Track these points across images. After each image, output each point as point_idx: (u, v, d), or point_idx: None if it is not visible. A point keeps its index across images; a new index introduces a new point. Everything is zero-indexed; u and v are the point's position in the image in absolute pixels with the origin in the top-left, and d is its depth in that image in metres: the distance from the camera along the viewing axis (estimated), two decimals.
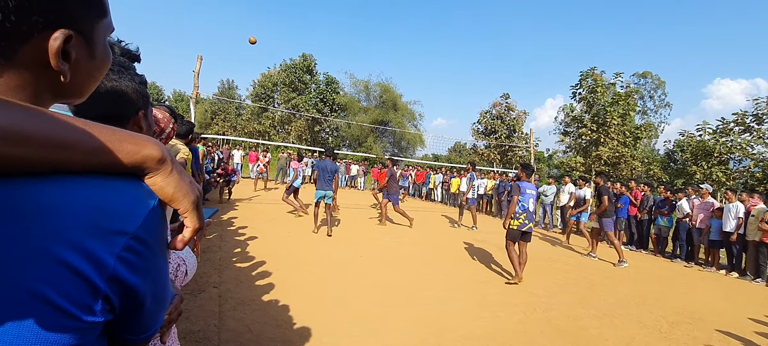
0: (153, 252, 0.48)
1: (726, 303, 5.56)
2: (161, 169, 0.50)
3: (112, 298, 0.43)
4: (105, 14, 0.50)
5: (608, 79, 21.24)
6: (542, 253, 7.80)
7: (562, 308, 4.61)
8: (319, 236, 7.26)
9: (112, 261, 0.42)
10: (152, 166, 0.49)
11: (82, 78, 0.50)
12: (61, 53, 0.44)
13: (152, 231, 0.47)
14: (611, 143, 19.91)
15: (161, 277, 0.51)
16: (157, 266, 0.50)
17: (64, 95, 0.51)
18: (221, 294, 3.85)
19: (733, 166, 18.80)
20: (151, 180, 0.50)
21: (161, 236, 0.50)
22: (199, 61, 10.86)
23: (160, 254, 0.50)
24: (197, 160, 7.42)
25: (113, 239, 0.42)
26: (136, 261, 0.44)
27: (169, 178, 0.51)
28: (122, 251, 0.43)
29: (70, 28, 0.44)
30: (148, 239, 0.46)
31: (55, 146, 0.41)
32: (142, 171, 0.49)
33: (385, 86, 33.66)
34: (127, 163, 0.47)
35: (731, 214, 7.73)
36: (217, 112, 39.83)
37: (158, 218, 0.49)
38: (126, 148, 0.47)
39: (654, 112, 38.21)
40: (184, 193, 0.52)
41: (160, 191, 0.50)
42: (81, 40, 0.47)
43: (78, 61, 0.47)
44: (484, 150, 29.26)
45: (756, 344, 4.12)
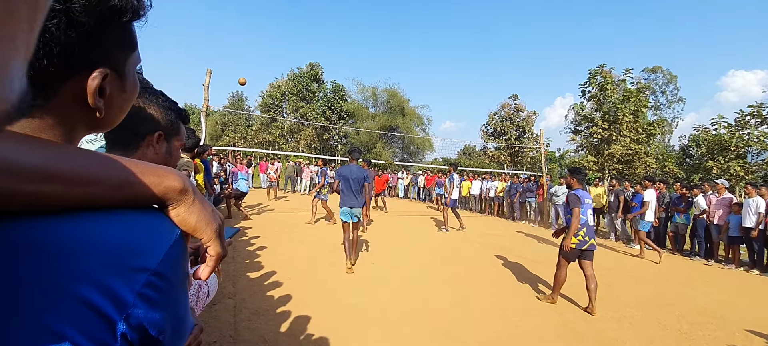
0: (173, 286, 0.47)
1: (748, 301, 5.41)
2: (183, 200, 0.50)
3: (130, 334, 0.42)
4: (135, 48, 0.52)
5: (618, 75, 20.94)
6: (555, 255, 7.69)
7: (579, 310, 4.55)
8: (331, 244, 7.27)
9: (132, 298, 0.42)
10: (174, 197, 0.49)
11: (114, 111, 0.52)
12: (99, 90, 0.46)
13: (173, 265, 0.47)
14: (624, 141, 19.57)
15: (181, 310, 0.51)
16: (178, 299, 0.49)
17: (98, 127, 0.52)
18: (236, 305, 3.89)
19: (751, 159, 18.33)
20: (174, 212, 0.50)
21: (182, 269, 0.50)
22: (208, 75, 11.02)
23: (181, 288, 0.50)
24: (209, 173, 7.54)
25: (134, 275, 0.42)
26: (156, 297, 0.44)
27: (191, 208, 0.51)
28: (143, 288, 0.43)
29: (107, 66, 0.46)
30: (168, 273, 0.46)
31: (80, 183, 0.42)
32: (164, 203, 0.49)
33: (393, 92, 33.75)
34: (150, 195, 0.47)
35: (752, 209, 7.54)
36: (227, 124, 40.35)
37: (180, 251, 0.49)
38: (148, 181, 0.47)
39: (667, 107, 37.58)
40: (207, 222, 0.52)
41: (183, 222, 0.50)
42: (115, 76, 0.48)
43: (111, 96, 0.49)
44: (493, 152, 29.07)
45: None
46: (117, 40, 0.47)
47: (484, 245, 8.38)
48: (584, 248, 4.57)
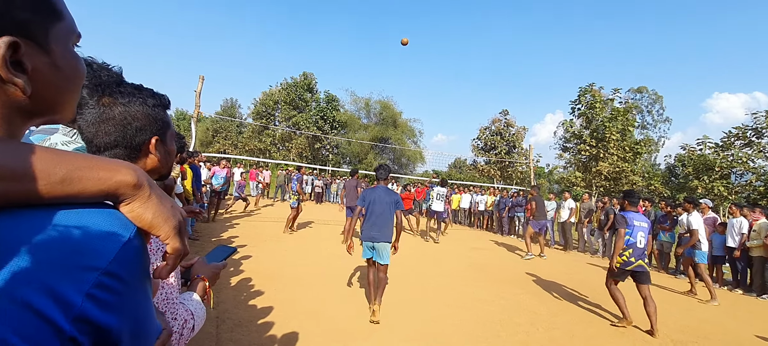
0: (130, 287, 0.45)
1: (732, 320, 5.47)
2: (138, 195, 0.47)
3: (81, 338, 0.40)
4: (59, 17, 0.47)
5: (606, 94, 21.38)
6: (545, 270, 7.71)
7: (565, 326, 4.54)
8: (316, 254, 7.19)
9: (79, 300, 0.39)
10: (128, 192, 0.47)
11: (50, 92, 0.47)
12: (15, 64, 0.42)
13: (128, 265, 0.44)
14: (611, 159, 19.91)
15: (141, 313, 0.48)
16: (136, 301, 0.46)
17: (37, 113, 0.48)
18: (219, 315, 3.80)
19: (734, 180, 18.74)
20: (128, 207, 0.47)
21: (140, 269, 0.47)
22: (200, 81, 10.99)
23: (140, 289, 0.47)
24: (198, 178, 7.44)
25: (82, 275, 0.40)
26: (108, 298, 0.41)
27: (147, 204, 0.48)
28: (92, 289, 0.40)
29: (16, 34, 0.41)
30: (122, 273, 0.43)
31: (16, 178, 0.39)
32: (116, 198, 0.46)
33: (385, 103, 33.96)
34: (98, 191, 0.45)
35: (735, 229, 7.67)
36: (218, 130, 40.06)
37: (135, 250, 0.46)
38: (96, 176, 0.44)
39: (653, 126, 38.38)
40: (164, 218, 0.50)
41: (138, 219, 0.47)
42: (35, 48, 0.44)
43: (38, 72, 0.44)
44: (484, 166, 29.26)
45: None
46: (27, 5, 0.43)
47: (473, 259, 8.36)
48: (628, 268, 4.60)
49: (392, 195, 4.54)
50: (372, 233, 4.37)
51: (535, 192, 9.95)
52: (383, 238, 4.35)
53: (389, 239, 4.39)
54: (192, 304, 1.02)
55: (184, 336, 0.94)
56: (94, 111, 0.80)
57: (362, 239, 4.48)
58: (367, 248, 4.45)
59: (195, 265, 1.20)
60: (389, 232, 4.41)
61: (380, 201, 4.44)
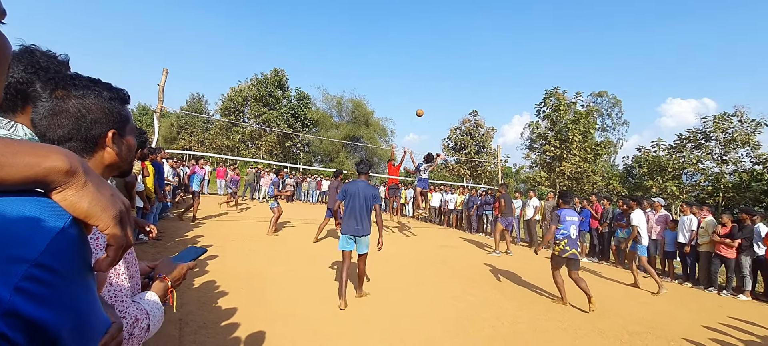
0: (66, 280, 0.42)
1: (681, 312, 5.83)
2: (72, 183, 0.45)
3: (12, 335, 0.37)
4: None
5: (570, 98, 22.28)
6: (510, 266, 7.93)
7: (530, 321, 4.69)
8: (284, 254, 7.07)
9: (7, 294, 0.37)
10: (59, 179, 0.44)
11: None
12: None
13: (61, 256, 0.42)
14: (573, 159, 20.78)
15: (83, 306, 0.45)
16: (74, 294, 0.43)
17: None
18: (182, 318, 3.66)
19: (685, 180, 20.03)
20: (61, 195, 0.44)
21: (77, 260, 0.44)
22: (164, 75, 10.54)
23: (79, 282, 0.44)
24: (161, 176, 7.14)
25: (9, 268, 0.37)
26: (41, 292, 0.39)
27: (82, 191, 0.45)
28: (22, 281, 0.38)
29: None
30: (56, 265, 0.41)
31: None
32: (47, 186, 0.44)
33: (358, 102, 33.90)
34: (25, 178, 0.42)
35: (685, 226, 8.18)
36: (183, 126, 38.59)
37: (71, 240, 0.43)
38: (21, 161, 0.41)
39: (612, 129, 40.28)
40: (102, 207, 0.47)
41: (72, 207, 0.45)
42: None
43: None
44: (454, 165, 29.77)
45: None
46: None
47: (442, 256, 8.48)
48: (565, 255, 5.52)
49: (372, 189, 4.74)
50: (353, 225, 4.57)
51: (504, 190, 10.23)
52: (364, 231, 4.59)
53: (369, 231, 4.64)
54: (148, 304, 0.97)
55: (134, 336, 0.89)
56: (47, 104, 0.77)
57: (342, 232, 4.64)
58: (347, 240, 4.62)
59: (158, 264, 1.15)
60: (369, 225, 4.65)
61: (360, 195, 4.63)
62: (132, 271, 1.00)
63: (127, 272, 0.94)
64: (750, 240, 7.31)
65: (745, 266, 7.31)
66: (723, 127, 18.34)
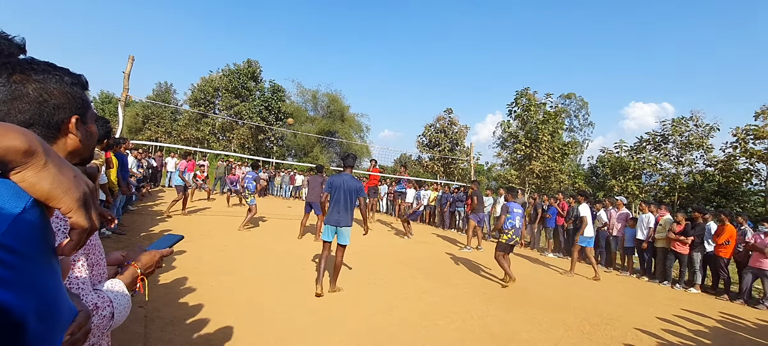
0: (29, 262, 0.41)
1: (638, 304, 6.17)
2: (31, 163, 0.43)
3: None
4: None
5: (540, 99, 22.96)
6: (481, 262, 8.13)
7: (497, 314, 4.83)
8: (257, 249, 6.96)
9: None
10: (17, 159, 0.42)
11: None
12: None
13: (22, 237, 0.40)
14: (542, 158, 21.47)
15: (48, 290, 0.44)
16: (38, 277, 0.42)
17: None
18: (147, 314, 3.55)
19: (645, 180, 21.11)
20: (19, 176, 0.43)
21: (39, 242, 0.43)
22: (130, 62, 10.07)
23: (43, 265, 0.43)
24: (125, 167, 6.84)
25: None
26: (2, 273, 0.38)
27: (42, 172, 0.44)
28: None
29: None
30: (16, 246, 0.39)
31: None
32: (5, 166, 0.42)
33: (333, 97, 33.60)
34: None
35: (644, 223, 8.64)
36: (150, 116, 37.04)
37: (32, 221, 0.42)
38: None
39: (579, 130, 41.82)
40: (65, 189, 0.45)
41: (32, 188, 0.43)
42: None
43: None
44: (428, 162, 30.08)
45: (664, 339, 4.61)
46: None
47: (415, 251, 8.59)
48: (512, 243, 6.42)
49: (356, 182, 4.91)
50: (336, 216, 4.77)
51: (475, 187, 10.45)
52: (346, 222, 4.80)
53: (351, 223, 4.85)
54: (112, 292, 0.94)
55: (95, 324, 0.86)
56: (4, 89, 0.74)
57: (326, 222, 4.81)
58: (330, 231, 4.80)
59: (129, 252, 1.12)
60: (352, 217, 4.88)
61: (345, 188, 4.82)
62: (94, 259, 0.97)
63: (88, 261, 0.92)
64: (701, 237, 7.82)
65: (696, 262, 7.82)
66: (680, 131, 19.43)
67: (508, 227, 6.36)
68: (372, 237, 9.90)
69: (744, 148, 16.57)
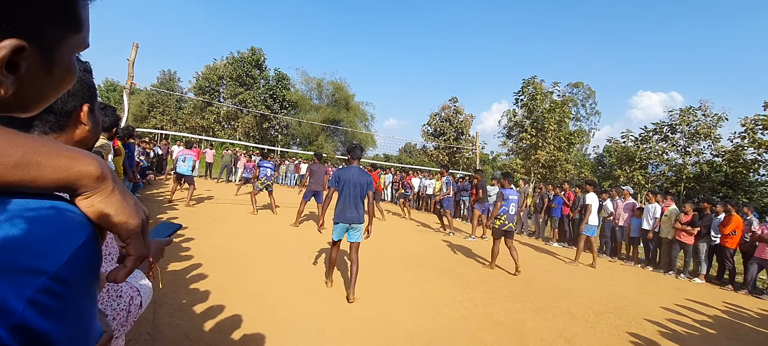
0: (77, 293, 0.40)
1: (643, 294, 6.18)
2: (100, 189, 0.43)
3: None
4: (78, 30, 0.43)
5: (547, 87, 22.72)
6: (484, 251, 8.16)
7: (502, 303, 4.86)
8: (263, 236, 7.03)
9: (21, 307, 0.34)
10: (89, 184, 0.42)
11: (31, 94, 0.42)
12: (8, 64, 0.37)
13: (79, 270, 0.40)
14: (548, 148, 21.33)
15: (84, 319, 0.43)
16: (81, 306, 0.42)
17: (7, 108, 0.43)
18: (156, 299, 3.60)
19: (651, 170, 20.96)
20: (87, 202, 0.43)
21: (90, 274, 0.42)
22: (134, 49, 10.08)
23: (87, 294, 0.43)
24: (131, 158, 6.89)
25: (26, 279, 0.35)
26: (52, 305, 0.37)
27: (109, 199, 0.43)
28: (36, 294, 0.35)
29: (27, 39, 0.38)
30: (72, 279, 0.39)
31: None
32: (75, 191, 0.42)
33: (338, 85, 33.42)
34: (56, 180, 0.40)
35: (650, 214, 8.61)
36: (155, 105, 37.12)
37: (90, 253, 0.41)
38: (55, 163, 0.40)
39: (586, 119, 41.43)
40: (127, 216, 0.45)
41: (97, 215, 0.43)
42: (38, 53, 0.40)
43: (29, 74, 0.40)
44: (433, 151, 30.03)
45: (668, 328, 4.62)
46: (52, 14, 0.39)
47: (419, 240, 8.63)
48: (505, 228, 6.48)
49: (365, 176, 4.50)
50: (348, 213, 4.37)
51: (480, 177, 10.45)
52: (359, 219, 4.41)
53: (363, 219, 4.45)
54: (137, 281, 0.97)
55: (132, 313, 0.89)
56: None
57: (337, 220, 4.42)
58: (341, 230, 4.43)
59: None
60: (363, 212, 4.47)
61: (355, 182, 4.41)
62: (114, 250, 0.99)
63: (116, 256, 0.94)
64: (708, 228, 7.78)
65: (702, 252, 7.80)
66: (688, 121, 19.19)
67: (501, 214, 6.50)
68: (377, 227, 9.94)
69: (752, 138, 16.35)
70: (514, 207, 6.56)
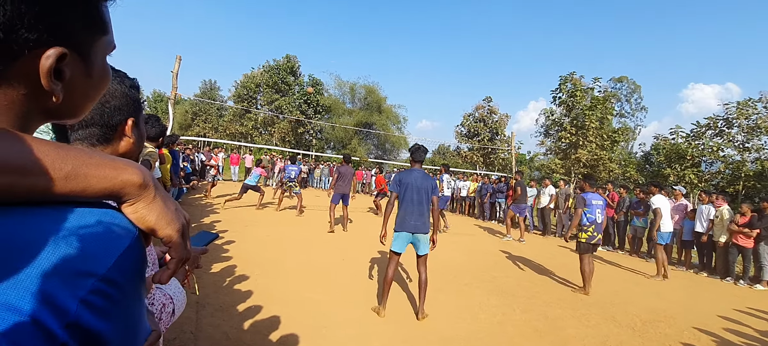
0: (126, 294, 0.43)
1: (697, 302, 5.75)
2: (143, 196, 0.46)
3: (72, 344, 0.38)
4: (106, 31, 0.48)
5: (587, 83, 21.77)
6: (522, 254, 7.92)
7: (541, 308, 4.69)
8: (299, 239, 7.18)
9: (74, 306, 0.37)
10: (133, 192, 0.45)
11: (76, 98, 0.47)
12: (54, 72, 0.41)
13: (126, 271, 0.43)
14: (589, 146, 20.40)
15: (133, 319, 0.46)
16: (131, 307, 0.45)
17: (57, 115, 0.47)
18: (198, 300, 3.78)
19: (705, 168, 19.52)
20: (132, 208, 0.46)
21: (137, 275, 0.46)
22: (177, 62, 10.67)
23: (135, 294, 0.46)
24: (177, 164, 7.28)
25: (78, 281, 0.38)
26: (104, 305, 0.40)
27: (151, 205, 0.47)
28: (88, 295, 0.38)
29: (66, 45, 0.41)
30: (120, 280, 0.42)
31: (15, 172, 0.37)
32: (120, 198, 0.45)
33: (370, 88, 33.73)
34: (103, 189, 0.43)
35: (703, 215, 8.01)
36: (198, 113, 39.09)
37: (136, 255, 0.45)
38: (102, 173, 0.43)
39: (631, 115, 39.35)
40: (168, 221, 0.48)
41: (141, 220, 0.46)
42: (77, 58, 0.44)
43: (73, 80, 0.44)
44: (467, 152, 29.56)
45: (725, 339, 4.28)
46: (81, 18, 0.43)
47: (454, 243, 8.50)
48: (593, 241, 5.43)
49: (429, 180, 4.12)
50: (413, 221, 3.97)
51: (519, 177, 10.37)
52: (424, 228, 4.01)
53: (429, 229, 4.07)
54: (171, 289, 1.02)
55: (162, 321, 0.94)
56: None
57: (399, 229, 4.02)
58: (404, 240, 4.04)
59: None
60: (429, 220, 4.08)
61: (418, 187, 4.02)
62: (152, 258, 1.04)
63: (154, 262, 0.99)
64: None
65: (764, 256, 7.15)
66: (746, 114, 17.73)
67: (587, 223, 5.41)
68: None
69: None
70: (602, 215, 5.50)
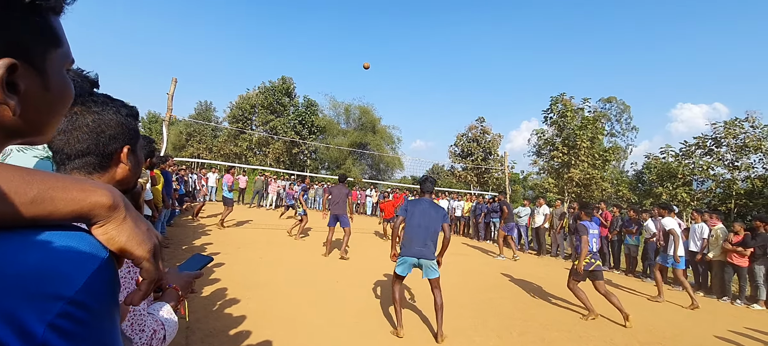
0: (97, 317, 0.42)
1: (694, 322, 5.72)
2: (113, 217, 0.46)
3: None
4: (59, 44, 0.47)
5: (577, 104, 22.13)
6: (518, 274, 7.86)
7: (537, 330, 4.63)
8: (293, 262, 7.08)
9: (41, 330, 0.37)
10: (102, 213, 0.45)
11: (37, 114, 0.46)
12: (7, 85, 0.40)
13: (97, 293, 0.42)
14: (582, 165, 20.59)
15: (107, 342, 0.45)
16: (102, 330, 0.44)
17: (20, 133, 0.46)
18: (189, 325, 3.68)
19: (696, 187, 19.71)
20: (101, 230, 0.46)
21: (109, 297, 0.45)
22: (173, 84, 10.70)
23: (107, 318, 0.45)
24: (169, 185, 7.21)
25: (45, 304, 0.38)
26: (73, 329, 0.39)
27: (121, 226, 0.47)
28: (56, 318, 0.38)
29: (16, 57, 0.41)
30: (90, 303, 0.41)
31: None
32: (90, 220, 0.45)
33: (365, 109, 34.00)
34: (71, 212, 0.43)
35: (697, 234, 8.04)
36: (192, 134, 39.03)
37: (106, 277, 0.44)
38: (69, 196, 0.43)
39: (622, 135, 39.92)
40: (139, 241, 0.48)
41: (111, 242, 0.46)
42: (31, 71, 0.43)
43: (29, 93, 0.43)
44: (461, 172, 29.69)
45: None
46: (30, 30, 0.43)
47: (449, 264, 8.42)
48: (591, 268, 5.34)
49: (439, 209, 4.25)
50: (418, 248, 4.11)
51: (502, 197, 11.03)
52: (431, 255, 4.13)
53: (434, 256, 4.18)
54: (162, 315, 0.99)
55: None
56: (65, 119, 0.79)
57: (404, 254, 4.16)
58: (408, 264, 4.18)
59: (167, 274, 1.17)
60: (434, 248, 4.19)
61: (426, 214, 4.16)
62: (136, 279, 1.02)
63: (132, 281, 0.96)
64: (764, 248, 7.16)
65: (759, 275, 7.16)
66: (734, 133, 18.07)
67: (588, 252, 5.45)
68: None
69: None
70: (597, 243, 5.56)
